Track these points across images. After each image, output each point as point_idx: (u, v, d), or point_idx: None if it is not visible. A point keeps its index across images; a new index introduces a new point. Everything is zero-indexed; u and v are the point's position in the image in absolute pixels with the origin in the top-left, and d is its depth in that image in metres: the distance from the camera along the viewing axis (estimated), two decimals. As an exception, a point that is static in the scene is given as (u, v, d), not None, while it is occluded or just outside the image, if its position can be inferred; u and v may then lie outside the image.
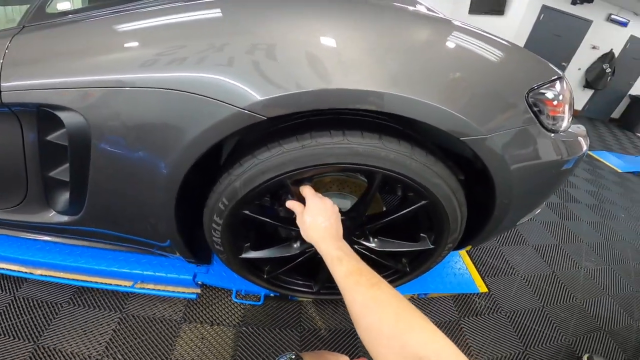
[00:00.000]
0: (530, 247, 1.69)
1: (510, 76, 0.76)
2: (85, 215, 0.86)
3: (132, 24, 0.72)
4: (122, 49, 0.69)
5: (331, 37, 0.68)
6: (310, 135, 0.73)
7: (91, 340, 1.06)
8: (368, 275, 0.57)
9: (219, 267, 1.23)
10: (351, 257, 0.62)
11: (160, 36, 0.70)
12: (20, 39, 0.70)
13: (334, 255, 0.62)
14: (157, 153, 0.73)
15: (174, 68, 0.66)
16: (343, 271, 0.58)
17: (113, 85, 0.67)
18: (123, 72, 0.67)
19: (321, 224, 0.69)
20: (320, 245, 0.66)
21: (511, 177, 0.79)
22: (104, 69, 0.67)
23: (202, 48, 0.66)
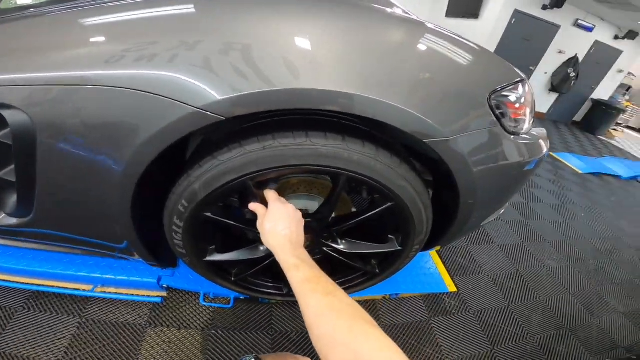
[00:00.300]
0: (497, 246, 1.74)
1: (474, 78, 0.77)
2: (35, 217, 0.81)
3: (82, 20, 0.67)
4: (70, 46, 0.64)
5: (293, 37, 0.67)
6: (273, 136, 0.71)
7: (49, 346, 1.00)
8: (325, 283, 0.57)
9: (185, 269, 1.19)
10: (309, 264, 0.61)
11: (113, 33, 0.66)
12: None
13: (290, 263, 0.61)
14: (108, 153, 0.68)
15: (127, 66, 0.62)
16: (300, 277, 0.58)
17: (59, 83, 0.62)
18: (70, 69, 0.62)
19: (281, 231, 0.68)
20: (278, 253, 0.65)
21: (474, 178, 0.80)
22: (48, 67, 0.63)
23: (158, 46, 0.63)
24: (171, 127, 0.64)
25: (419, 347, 1.22)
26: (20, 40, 0.66)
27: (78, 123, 0.65)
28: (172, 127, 0.64)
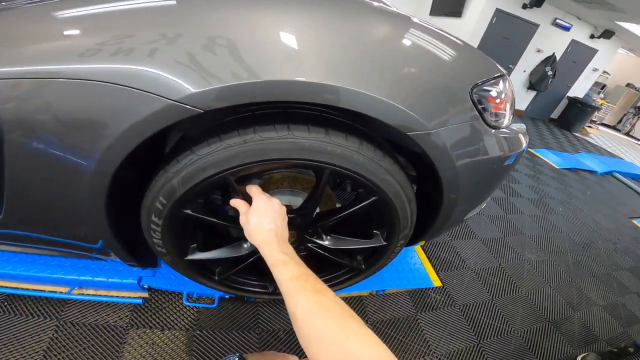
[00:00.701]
0: (479, 240, 1.76)
1: (456, 72, 0.78)
2: (6, 217, 0.77)
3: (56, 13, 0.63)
4: (41, 39, 0.61)
5: (275, 28, 0.65)
6: (254, 130, 0.69)
7: (26, 349, 0.96)
8: (313, 281, 0.56)
9: (167, 269, 1.16)
10: (296, 262, 0.60)
11: (88, 27, 0.62)
12: None
13: (278, 259, 0.60)
14: (79, 149, 0.65)
15: (101, 59, 0.59)
16: (288, 275, 0.57)
17: (27, 76, 0.59)
18: (39, 63, 0.59)
19: (266, 226, 0.67)
20: (264, 248, 0.64)
21: (457, 172, 0.80)
22: (15, 60, 0.59)
23: (134, 39, 0.60)
24: (146, 120, 0.61)
25: (407, 342, 1.22)
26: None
27: (48, 119, 0.61)
28: (146, 121, 0.62)
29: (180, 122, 0.63)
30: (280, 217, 0.70)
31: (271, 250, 0.62)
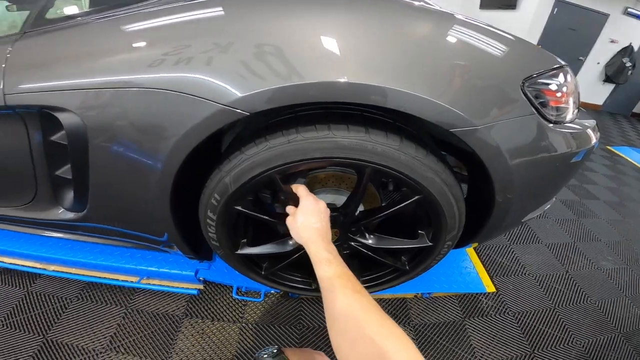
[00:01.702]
0: (543, 245, 1.61)
1: (504, 66, 0.73)
2: (89, 212, 0.90)
3: (117, 28, 0.74)
4: (110, 52, 0.71)
5: (315, 31, 0.68)
6: (297, 130, 0.73)
7: (97, 335, 1.10)
8: (354, 281, 0.57)
9: (220, 263, 1.25)
10: (340, 261, 0.62)
11: (145, 39, 0.72)
12: (21, 44, 0.74)
13: (323, 257, 0.62)
14: (148, 151, 0.75)
15: (160, 69, 0.67)
16: (331, 272, 0.59)
17: (103, 86, 0.69)
18: (114, 74, 0.69)
19: (313, 225, 0.69)
20: (310, 246, 0.66)
21: (510, 170, 0.75)
22: (94, 72, 0.70)
23: (186, 48, 0.68)
24: (202, 124, 0.68)
25: (451, 348, 1.16)
26: (70, 48, 0.74)
27: (124, 124, 0.71)
28: (202, 124, 0.68)
29: (234, 124, 0.69)
30: (325, 217, 0.72)
31: (317, 248, 0.64)
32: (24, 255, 1.21)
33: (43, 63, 0.72)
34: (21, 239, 1.23)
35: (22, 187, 0.89)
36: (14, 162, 0.83)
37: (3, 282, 1.26)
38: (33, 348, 1.04)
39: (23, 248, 1.20)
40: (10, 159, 0.84)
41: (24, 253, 1.20)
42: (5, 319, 1.12)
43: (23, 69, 0.73)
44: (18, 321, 1.12)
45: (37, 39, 0.76)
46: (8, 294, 1.21)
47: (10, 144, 0.80)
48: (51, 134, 0.78)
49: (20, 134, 0.78)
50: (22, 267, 1.23)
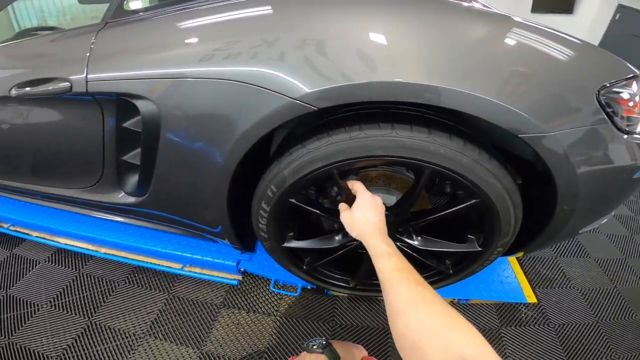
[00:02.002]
0: (592, 259, 1.54)
1: (578, 73, 0.72)
2: (149, 197, 0.95)
3: (196, 20, 0.78)
4: (188, 43, 0.75)
5: (384, 31, 0.70)
6: (359, 127, 0.74)
7: (138, 319, 1.15)
8: (415, 274, 0.57)
9: (261, 255, 1.28)
10: (400, 255, 0.62)
11: (221, 31, 0.75)
12: (104, 34, 0.80)
13: (383, 250, 0.62)
14: (214, 140, 0.78)
15: (233, 61, 0.71)
16: (391, 265, 0.58)
17: (180, 76, 0.73)
18: (189, 64, 0.73)
19: (371, 219, 0.70)
20: (368, 239, 0.66)
21: (577, 180, 0.73)
22: (172, 62, 0.74)
23: (258, 42, 0.71)
24: (270, 116, 0.71)
25: (484, 356, 1.14)
26: (149, 38, 0.79)
27: (196, 113, 0.75)
28: (270, 117, 0.71)
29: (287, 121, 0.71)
30: (382, 213, 0.72)
31: (375, 241, 0.65)
32: (79, 236, 1.28)
33: (124, 52, 0.77)
34: (77, 220, 1.31)
35: (89, 170, 0.95)
36: (86, 146, 0.89)
37: (57, 262, 1.34)
38: (77, 330, 1.10)
39: (78, 229, 1.28)
40: (83, 143, 0.90)
41: (78, 234, 1.28)
42: (54, 300, 1.19)
43: (105, 57, 0.78)
44: (67, 302, 1.19)
45: (118, 29, 0.81)
46: (61, 274, 1.29)
47: (86, 128, 0.85)
48: (124, 120, 0.83)
49: (96, 120, 0.83)
50: (76, 248, 1.30)
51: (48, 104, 0.87)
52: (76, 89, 0.77)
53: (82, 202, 1.06)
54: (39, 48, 0.89)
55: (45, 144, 0.95)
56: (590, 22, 4.66)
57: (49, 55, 0.87)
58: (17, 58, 0.92)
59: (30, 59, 0.89)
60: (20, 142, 0.97)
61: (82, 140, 0.90)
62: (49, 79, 0.79)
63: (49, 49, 0.88)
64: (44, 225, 1.31)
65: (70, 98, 0.80)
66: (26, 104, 0.89)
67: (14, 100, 0.85)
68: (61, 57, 0.84)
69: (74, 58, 0.79)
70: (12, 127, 0.94)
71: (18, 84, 0.82)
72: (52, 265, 1.33)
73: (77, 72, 0.77)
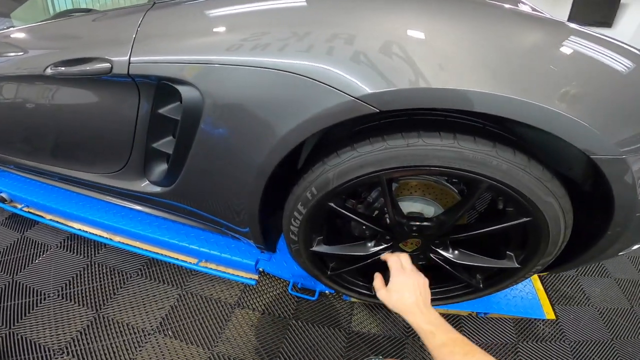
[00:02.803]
0: (612, 279, 1.57)
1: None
2: (176, 188, 0.90)
3: (254, 4, 0.72)
4: (243, 29, 0.70)
5: (449, 38, 0.65)
6: (418, 134, 0.69)
7: (148, 315, 1.10)
8: (461, 344, 0.60)
9: (281, 256, 1.24)
10: (443, 328, 0.64)
11: (282, 19, 0.70)
12: (151, 15, 0.74)
13: (425, 329, 0.65)
14: (257, 137, 0.74)
15: (291, 52, 0.66)
16: (436, 343, 0.62)
17: (231, 63, 0.68)
18: (242, 52, 0.68)
19: (407, 300, 0.71)
20: (409, 318, 0.69)
21: (635, 205, 0.70)
22: (223, 48, 0.69)
23: (321, 35, 0.66)
24: (326, 113, 0.66)
25: (499, 369, 1.13)
26: (198, 22, 0.73)
27: (242, 103, 0.70)
28: (326, 114, 0.66)
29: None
30: (419, 286, 0.73)
31: (416, 320, 0.67)
32: (93, 222, 1.22)
33: (171, 35, 0.72)
34: (93, 206, 1.25)
35: (115, 156, 0.90)
36: (116, 131, 0.84)
37: (69, 249, 1.28)
38: (83, 323, 1.05)
39: (94, 215, 1.22)
40: (113, 127, 0.84)
41: (93, 220, 1.22)
42: (62, 289, 1.13)
43: (152, 38, 0.72)
44: (75, 292, 1.13)
45: (166, 11, 0.75)
46: (71, 262, 1.23)
47: (118, 112, 0.80)
48: (161, 106, 0.77)
49: (130, 104, 0.78)
50: (89, 235, 1.24)
51: (83, 85, 0.82)
52: (117, 70, 0.72)
53: (104, 187, 1.01)
54: (80, 28, 0.85)
55: (73, 126, 0.90)
56: (630, 36, 4.59)
57: (91, 35, 0.82)
58: (55, 37, 0.88)
59: (70, 38, 0.85)
60: (47, 122, 0.92)
61: (112, 124, 0.84)
62: (87, 59, 0.74)
63: (91, 29, 0.83)
64: (59, 209, 1.25)
65: (107, 79, 0.74)
66: (59, 83, 0.85)
67: (48, 79, 0.81)
68: (103, 37, 0.80)
69: (118, 39, 0.74)
70: (41, 106, 0.89)
71: (55, 63, 0.77)
72: (63, 251, 1.27)
73: (120, 54, 0.72)
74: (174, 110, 0.75)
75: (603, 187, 0.70)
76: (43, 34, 0.92)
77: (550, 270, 1.02)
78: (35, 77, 0.87)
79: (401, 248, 0.95)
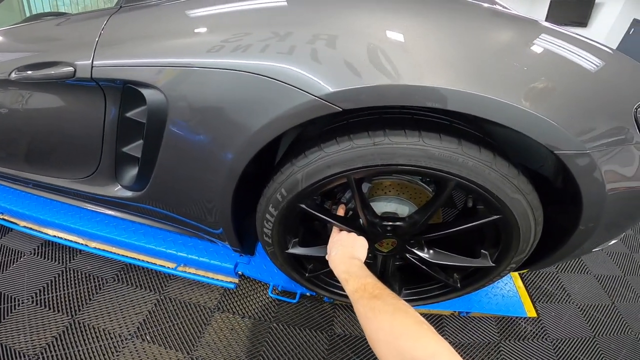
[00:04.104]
0: (592, 276, 1.57)
1: (615, 87, 0.68)
2: (148, 192, 0.88)
3: (217, 7, 0.72)
4: (206, 31, 0.69)
5: (416, 33, 0.65)
6: (384, 133, 0.69)
7: (125, 320, 1.08)
8: (371, 288, 0.63)
9: (260, 259, 1.22)
10: (357, 275, 0.69)
11: (244, 20, 0.69)
12: (116, 19, 0.73)
13: (342, 277, 0.72)
14: (224, 138, 0.73)
15: (254, 53, 0.65)
16: (349, 289, 0.67)
17: (195, 65, 0.67)
18: (206, 54, 0.67)
19: (334, 254, 0.80)
20: (335, 271, 0.77)
21: (604, 200, 0.70)
22: (187, 50, 0.69)
23: (283, 34, 0.65)
24: (290, 113, 0.65)
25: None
26: (163, 24, 0.72)
27: (207, 105, 0.70)
28: (290, 114, 0.65)
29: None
30: (346, 242, 0.81)
31: (336, 270, 0.75)
32: (68, 228, 1.20)
33: (136, 38, 0.71)
34: (67, 212, 1.22)
35: (85, 161, 0.88)
36: (84, 135, 0.83)
37: (43, 255, 1.25)
38: (58, 328, 1.03)
39: (68, 221, 1.20)
40: (81, 132, 0.83)
41: (68, 226, 1.19)
42: (36, 295, 1.11)
43: (115, 43, 0.72)
44: (50, 298, 1.11)
45: (131, 14, 0.74)
46: (46, 268, 1.20)
47: (85, 116, 0.79)
48: (128, 110, 0.76)
49: (97, 108, 0.77)
50: (65, 241, 1.22)
51: (48, 89, 0.81)
52: (80, 74, 0.71)
53: (76, 193, 0.99)
54: (45, 31, 0.84)
55: (42, 131, 0.89)
56: (604, 35, 4.73)
57: (55, 39, 0.82)
58: (21, 41, 0.87)
59: (35, 42, 0.85)
60: (16, 127, 0.91)
61: (80, 128, 0.83)
62: (52, 63, 0.73)
63: (55, 33, 0.83)
64: (32, 215, 1.22)
65: (73, 84, 0.73)
66: (25, 88, 0.84)
67: (13, 83, 0.80)
68: (67, 41, 0.79)
69: (81, 42, 0.74)
70: (8, 111, 0.88)
71: (19, 67, 0.76)
72: (37, 257, 1.25)
73: (83, 57, 0.72)
74: (141, 114, 0.74)
75: (572, 183, 0.70)
76: (10, 38, 0.90)
77: (528, 267, 1.02)
78: (2, 82, 0.85)
79: (377, 248, 0.94)
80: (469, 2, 0.79)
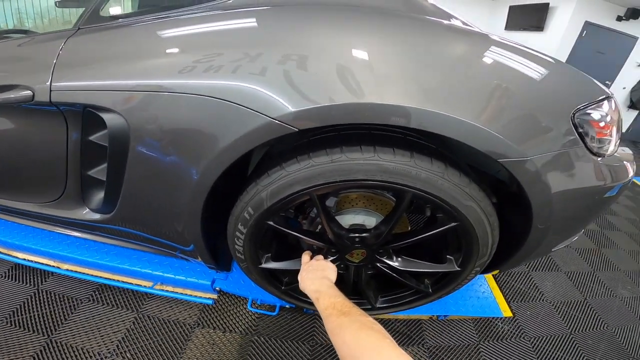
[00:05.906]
0: (563, 273, 1.62)
1: (554, 95, 0.73)
2: (116, 214, 0.88)
3: (173, 30, 0.74)
4: (163, 55, 0.71)
5: (364, 51, 0.68)
6: (341, 150, 0.72)
7: (104, 338, 1.07)
8: (340, 306, 0.67)
9: (237, 274, 1.23)
10: (327, 294, 0.73)
11: (199, 44, 0.71)
12: (74, 41, 0.74)
13: (313, 297, 0.76)
14: (189, 159, 0.74)
15: (211, 76, 0.67)
16: (320, 307, 0.71)
17: (153, 89, 0.69)
18: (163, 77, 0.69)
19: (304, 276, 0.85)
20: (305, 291, 0.81)
21: (551, 202, 0.74)
22: (146, 74, 0.70)
23: (238, 57, 0.68)
24: (248, 135, 0.67)
25: (464, 371, 1.15)
26: (122, 48, 0.73)
27: (169, 129, 0.71)
28: (248, 136, 0.67)
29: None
30: (315, 268, 0.86)
31: (308, 291, 0.80)
32: (38, 251, 1.18)
33: (94, 61, 0.72)
34: (37, 235, 1.21)
35: (51, 185, 0.88)
36: (48, 159, 0.82)
37: (13, 278, 1.23)
38: (35, 348, 1.01)
39: (38, 244, 1.18)
40: (44, 156, 0.83)
41: (38, 249, 1.18)
42: (9, 317, 1.09)
43: (73, 65, 0.72)
44: (23, 319, 1.09)
45: (90, 36, 0.75)
46: (17, 290, 1.18)
47: (48, 140, 0.79)
48: (90, 133, 0.77)
49: (59, 132, 0.77)
50: (35, 264, 1.20)
51: (8, 113, 0.80)
52: (39, 98, 0.71)
53: (45, 217, 0.98)
54: (5, 52, 0.82)
55: (4, 156, 0.87)
56: (559, 39, 4.91)
57: (13, 60, 0.80)
58: None
59: None
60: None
61: (43, 152, 0.83)
62: (9, 87, 0.72)
63: (14, 54, 0.81)
64: (0, 239, 1.20)
65: (32, 108, 0.74)
66: None
67: None
68: (25, 64, 0.78)
69: (39, 65, 0.73)
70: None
71: None
72: (8, 281, 1.22)
73: (41, 81, 0.71)
74: (103, 138, 0.75)
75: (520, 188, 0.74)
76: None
77: (497, 268, 1.05)
78: None
79: (348, 259, 0.96)
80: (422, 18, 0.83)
